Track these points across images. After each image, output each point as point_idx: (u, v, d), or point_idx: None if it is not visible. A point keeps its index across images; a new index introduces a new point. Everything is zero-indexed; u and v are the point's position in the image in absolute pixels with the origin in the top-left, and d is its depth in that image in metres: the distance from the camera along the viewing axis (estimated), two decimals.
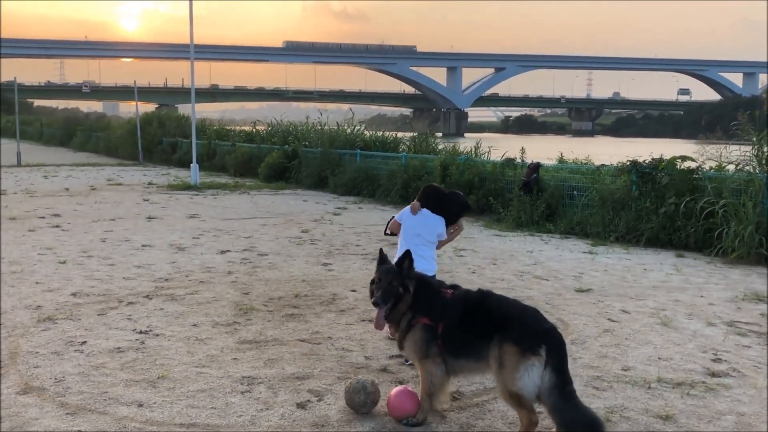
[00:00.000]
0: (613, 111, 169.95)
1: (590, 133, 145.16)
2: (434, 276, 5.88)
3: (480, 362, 4.43)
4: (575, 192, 13.39)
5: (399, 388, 4.77)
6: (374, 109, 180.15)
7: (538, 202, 13.63)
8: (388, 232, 6.70)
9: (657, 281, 8.91)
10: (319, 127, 23.29)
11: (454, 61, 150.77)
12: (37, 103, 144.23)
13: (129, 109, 51.45)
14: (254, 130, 28.12)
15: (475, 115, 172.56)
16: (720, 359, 5.91)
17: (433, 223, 6.20)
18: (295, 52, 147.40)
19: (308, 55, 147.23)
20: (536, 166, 14.23)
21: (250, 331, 6.58)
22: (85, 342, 6.15)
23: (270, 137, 25.31)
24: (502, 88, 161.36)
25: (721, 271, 9.57)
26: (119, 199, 17.37)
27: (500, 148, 16.70)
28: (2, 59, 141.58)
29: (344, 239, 11.75)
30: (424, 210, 6.26)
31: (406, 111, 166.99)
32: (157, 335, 6.41)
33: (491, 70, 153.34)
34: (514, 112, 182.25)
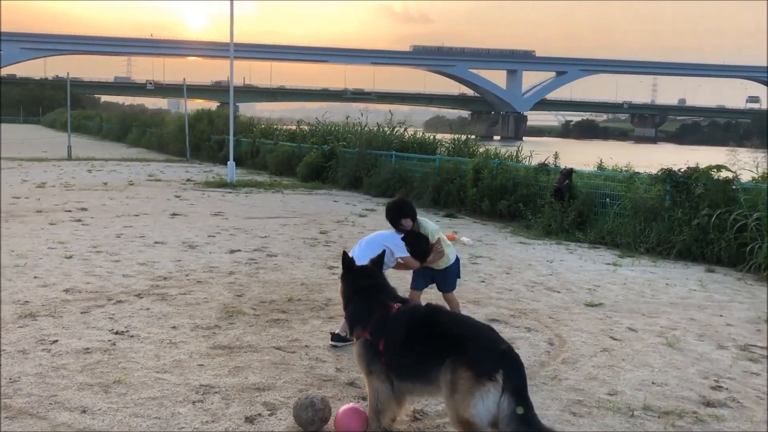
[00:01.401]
0: (678, 117, 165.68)
1: (653, 140, 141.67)
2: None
3: (429, 386, 4.08)
4: (608, 200, 12.81)
5: (347, 405, 4.46)
6: (433, 111, 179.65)
7: (569, 210, 13.10)
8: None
9: (677, 297, 8.37)
10: (359, 127, 23.05)
11: (515, 64, 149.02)
12: (104, 98, 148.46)
13: (193, 106, 52.06)
14: (297, 129, 28.04)
15: (535, 118, 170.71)
16: (720, 387, 5.42)
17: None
18: (357, 53, 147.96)
19: (367, 56, 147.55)
20: (569, 172, 13.70)
21: (228, 336, 6.34)
22: (56, 341, 6.00)
23: (310, 136, 25.19)
24: (564, 92, 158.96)
25: (750, 289, 8.95)
26: (152, 195, 17.43)
27: (547, 153, 16.04)
28: (74, 55, 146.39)
29: None
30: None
31: (465, 113, 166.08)
32: (131, 336, 6.22)
33: (552, 74, 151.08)
34: (575, 117, 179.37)
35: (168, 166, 28.90)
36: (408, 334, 4.14)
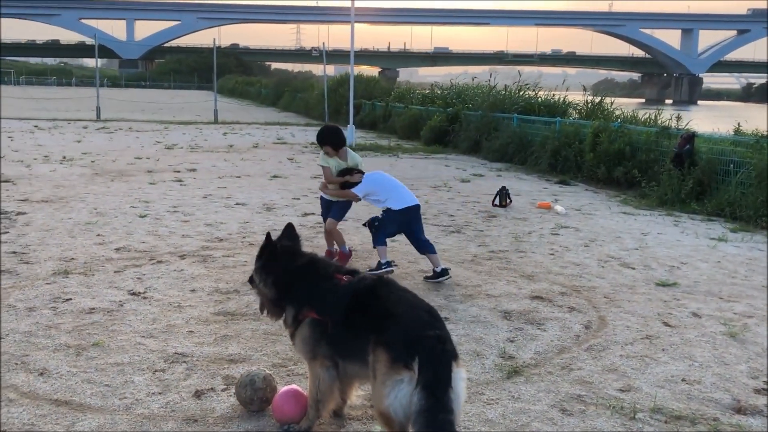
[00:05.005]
0: None
1: None
2: None
3: (364, 367, 3.52)
4: (732, 167, 11.36)
5: (287, 387, 4.03)
6: (602, 74, 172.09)
7: (687, 178, 11.77)
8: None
9: None
10: (487, 89, 22.18)
11: (691, 23, 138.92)
12: (275, 65, 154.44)
13: (357, 71, 52.74)
14: (430, 92, 27.51)
15: (712, 81, 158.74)
16: (766, 391, 4.47)
17: None
18: (520, 14, 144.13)
19: (530, 17, 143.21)
20: (690, 137, 12.28)
21: (240, 302, 6.08)
22: (70, 299, 6.00)
23: (438, 99, 24.59)
24: (746, 53, 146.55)
25: None
26: (267, 157, 17.67)
27: (720, 117, 14.62)
28: (246, 24, 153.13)
29: (442, 208, 10.90)
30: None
31: (635, 76, 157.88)
32: (144, 298, 6.12)
33: (733, 32, 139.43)
34: (759, 79, 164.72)
35: (303, 129, 29.39)
36: (351, 308, 3.61)
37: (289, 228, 4.03)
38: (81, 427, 3.82)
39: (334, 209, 7.47)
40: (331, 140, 7.21)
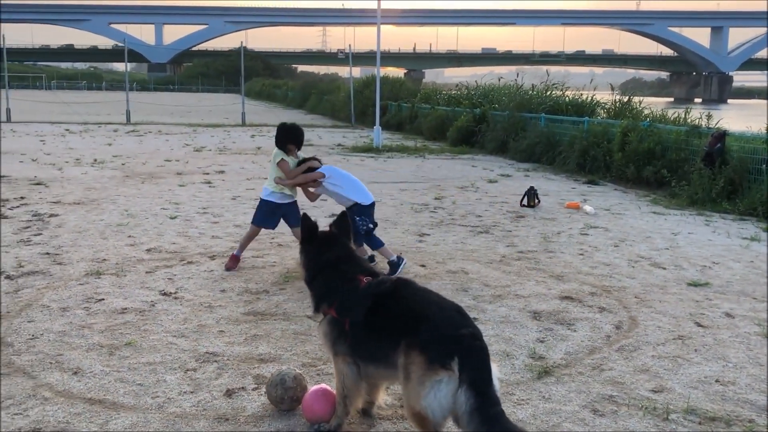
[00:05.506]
0: None
1: None
2: None
3: (390, 369, 3.54)
4: (764, 166, 11.19)
5: (316, 386, 4.05)
6: (630, 73, 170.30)
7: (719, 177, 11.62)
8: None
9: None
10: (514, 89, 22.08)
11: (720, 21, 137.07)
12: (301, 68, 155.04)
13: (383, 72, 52.81)
14: (456, 92, 27.45)
15: (743, 79, 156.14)
16: None
17: None
18: (546, 14, 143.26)
19: (556, 17, 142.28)
20: (721, 135, 12.13)
21: (270, 302, 6.12)
22: (102, 300, 6.08)
23: (464, 100, 24.53)
24: None
25: None
26: None
27: (750, 116, 14.46)
28: (273, 27, 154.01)
29: (470, 209, 10.86)
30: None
31: (663, 74, 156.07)
32: (176, 298, 6.18)
33: (763, 30, 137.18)
34: None
35: (329, 131, 29.48)
36: (370, 311, 3.63)
37: (342, 217, 4.09)
38: (114, 425, 3.87)
39: (292, 218, 7.27)
40: (297, 138, 7.19)
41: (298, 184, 7.21)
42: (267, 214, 7.27)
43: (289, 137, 7.17)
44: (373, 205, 7.19)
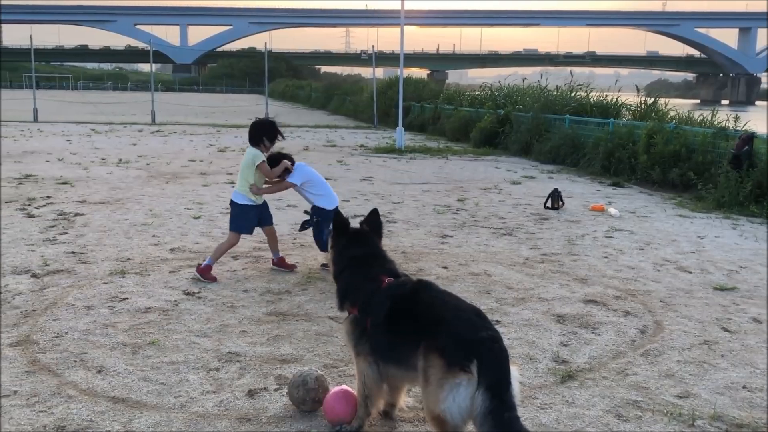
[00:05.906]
0: None
1: None
2: None
3: (410, 371, 3.53)
4: None
5: (337, 387, 4.04)
6: (656, 74, 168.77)
7: (746, 180, 11.46)
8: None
9: None
10: (538, 90, 21.96)
11: (749, 21, 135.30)
12: (324, 69, 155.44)
13: (406, 73, 52.82)
14: (480, 93, 27.36)
15: None
16: None
17: None
18: (571, 15, 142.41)
19: (581, 18, 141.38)
20: (749, 138, 11.97)
21: (292, 302, 6.13)
22: (126, 299, 6.12)
23: (487, 101, 24.45)
24: None
25: None
26: (317, 159, 17.76)
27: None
28: (296, 28, 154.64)
29: (493, 211, 10.81)
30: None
31: (690, 76, 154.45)
32: (199, 298, 6.21)
33: None
34: None
35: (352, 132, 29.51)
36: (390, 312, 3.62)
37: (373, 213, 4.09)
38: (137, 424, 3.89)
39: (266, 215, 7.25)
40: (272, 134, 6.99)
41: (273, 192, 7.34)
42: (247, 220, 7.12)
43: (264, 133, 6.95)
44: (336, 209, 7.00)
